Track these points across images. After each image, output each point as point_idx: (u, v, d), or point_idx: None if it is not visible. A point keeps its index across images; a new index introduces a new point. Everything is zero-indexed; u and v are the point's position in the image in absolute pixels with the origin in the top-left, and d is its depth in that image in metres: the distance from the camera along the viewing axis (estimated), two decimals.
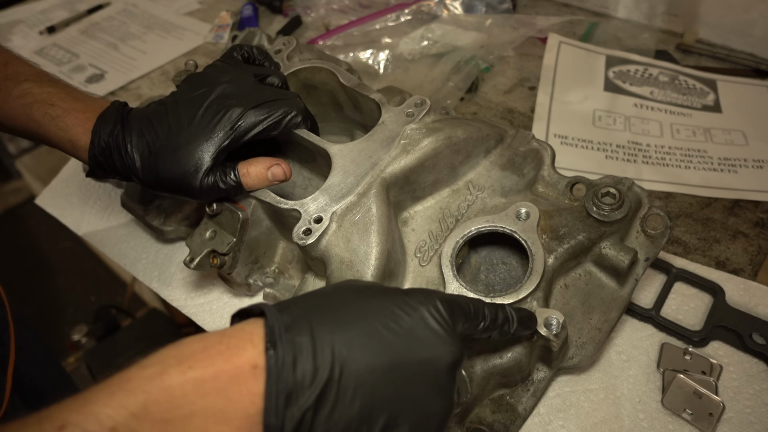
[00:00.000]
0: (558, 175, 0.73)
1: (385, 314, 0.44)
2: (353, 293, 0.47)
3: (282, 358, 0.39)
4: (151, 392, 0.36)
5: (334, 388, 0.39)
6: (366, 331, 0.43)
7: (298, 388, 0.38)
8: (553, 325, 0.60)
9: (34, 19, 1.51)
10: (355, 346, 0.41)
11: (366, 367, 0.41)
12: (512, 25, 1.23)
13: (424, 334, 0.44)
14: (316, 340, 0.40)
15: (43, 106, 0.67)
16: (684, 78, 1.14)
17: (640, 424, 0.67)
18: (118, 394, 0.36)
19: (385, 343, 0.43)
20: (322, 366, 0.39)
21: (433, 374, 0.44)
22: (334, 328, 0.42)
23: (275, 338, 0.40)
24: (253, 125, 0.66)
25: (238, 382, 0.38)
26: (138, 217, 0.88)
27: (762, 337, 0.71)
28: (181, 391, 0.37)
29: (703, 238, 0.85)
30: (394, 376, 0.42)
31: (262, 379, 0.38)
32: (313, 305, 0.45)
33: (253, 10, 1.39)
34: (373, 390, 0.41)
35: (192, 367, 0.38)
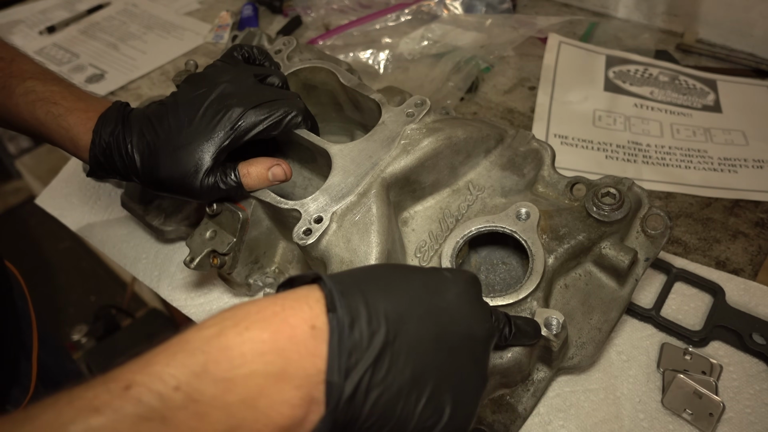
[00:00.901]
0: (558, 175, 0.74)
1: (429, 287, 0.46)
2: (397, 269, 0.48)
3: (342, 320, 0.39)
4: (210, 352, 0.37)
5: (388, 351, 0.40)
6: (414, 300, 0.44)
7: (356, 350, 0.39)
8: (553, 325, 0.60)
9: (34, 19, 1.51)
10: (405, 314, 0.42)
11: (416, 335, 0.42)
12: (512, 25, 1.23)
13: (465, 309, 0.46)
14: (370, 305, 0.41)
15: (46, 105, 0.67)
16: (684, 78, 1.14)
17: (640, 424, 0.67)
18: (179, 355, 0.37)
19: (431, 314, 0.44)
20: (378, 330, 0.40)
21: (472, 347, 0.45)
22: (385, 296, 0.42)
23: (335, 300, 0.40)
24: (254, 125, 0.66)
25: (296, 342, 0.38)
26: (138, 217, 0.88)
27: (762, 337, 0.71)
28: (239, 351, 0.37)
29: (703, 238, 0.85)
30: (440, 345, 0.43)
31: (323, 339, 0.39)
32: (362, 276, 0.45)
33: (253, 10, 1.39)
34: (422, 357, 0.42)
35: (248, 327, 0.38)
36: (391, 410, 0.40)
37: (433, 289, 0.46)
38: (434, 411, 0.42)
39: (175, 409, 0.34)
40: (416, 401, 0.41)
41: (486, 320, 0.48)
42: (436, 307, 0.44)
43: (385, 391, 0.40)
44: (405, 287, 0.45)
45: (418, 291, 0.45)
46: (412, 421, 0.41)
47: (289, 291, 0.43)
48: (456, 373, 0.44)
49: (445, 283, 0.47)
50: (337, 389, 0.38)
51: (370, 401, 0.39)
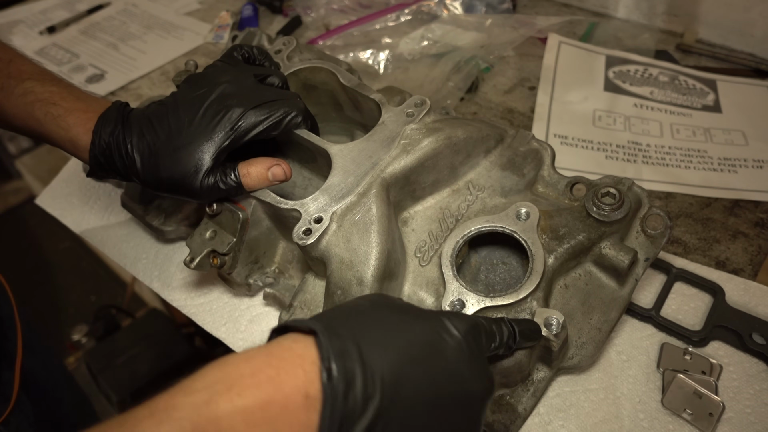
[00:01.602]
0: (558, 175, 0.74)
1: (428, 342, 0.44)
2: (394, 314, 0.46)
3: (337, 389, 0.37)
4: (199, 422, 0.35)
5: (383, 418, 0.38)
6: (413, 359, 0.41)
7: (349, 418, 0.37)
8: (553, 325, 0.60)
9: (34, 19, 1.51)
10: (403, 375, 0.40)
11: (411, 400, 0.40)
12: (512, 25, 1.23)
13: (463, 367, 0.44)
14: (366, 367, 0.39)
15: (45, 105, 0.67)
16: (684, 78, 1.14)
17: (640, 424, 0.67)
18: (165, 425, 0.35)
19: (429, 375, 0.42)
20: (373, 395, 0.38)
21: (468, 407, 0.44)
22: (382, 354, 0.40)
23: (330, 365, 0.38)
24: (254, 125, 0.66)
25: (288, 413, 0.37)
26: (138, 217, 0.88)
27: (762, 337, 0.71)
28: (229, 422, 0.35)
29: (703, 238, 0.85)
30: (436, 408, 0.42)
31: (315, 409, 0.37)
32: (358, 326, 0.43)
33: (253, 10, 1.39)
34: (417, 421, 0.40)
35: (240, 394, 0.36)
36: None
37: (432, 345, 0.44)
38: None
39: None
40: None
41: (484, 378, 0.46)
42: (435, 366, 0.43)
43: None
44: (404, 343, 0.42)
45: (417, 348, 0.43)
46: None
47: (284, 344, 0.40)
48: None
49: (445, 337, 0.45)
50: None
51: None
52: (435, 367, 0.42)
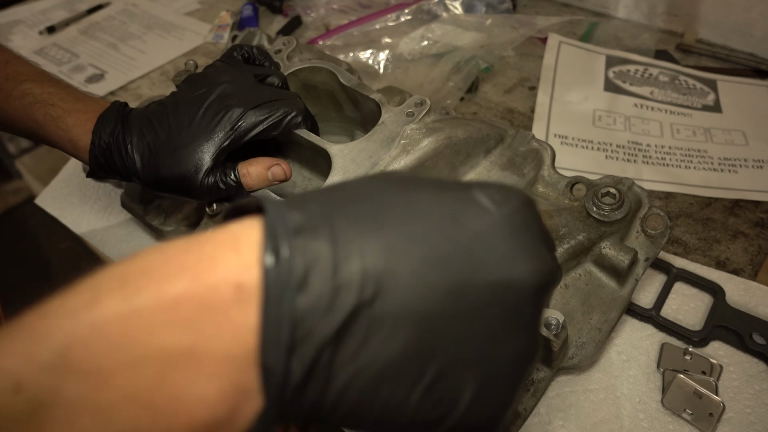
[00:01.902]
0: (558, 175, 0.74)
1: (441, 213, 0.30)
2: (396, 184, 0.32)
3: (287, 273, 0.26)
4: (75, 332, 0.25)
5: (364, 315, 0.27)
6: (414, 236, 0.29)
7: (309, 316, 0.26)
8: (553, 325, 0.60)
9: (34, 19, 1.51)
10: (398, 257, 0.28)
11: (412, 289, 0.28)
12: (512, 25, 1.23)
13: (499, 243, 0.30)
14: (339, 246, 0.27)
15: (44, 107, 0.67)
16: (684, 78, 1.14)
17: (640, 424, 0.67)
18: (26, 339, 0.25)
19: (441, 256, 0.29)
20: (347, 284, 0.27)
21: (512, 304, 0.30)
22: (366, 230, 0.28)
23: (277, 243, 0.27)
24: (254, 125, 0.66)
25: (212, 310, 0.26)
26: (138, 217, 0.88)
27: (762, 337, 0.71)
28: (122, 328, 0.25)
29: (703, 238, 0.85)
30: (454, 304, 0.29)
31: (253, 304, 0.26)
32: (338, 199, 0.31)
33: (253, 10, 1.39)
34: (422, 322, 0.28)
35: (140, 289, 0.26)
36: (369, 399, 0.28)
37: (448, 217, 0.30)
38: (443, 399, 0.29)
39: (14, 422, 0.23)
40: (412, 385, 0.28)
41: (537, 261, 0.31)
42: (452, 242, 0.29)
43: (361, 372, 0.27)
44: (403, 214, 0.30)
45: (423, 220, 0.30)
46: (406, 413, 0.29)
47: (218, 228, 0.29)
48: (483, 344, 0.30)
49: (468, 206, 0.31)
50: (276, 374, 0.26)
51: (335, 388, 0.27)
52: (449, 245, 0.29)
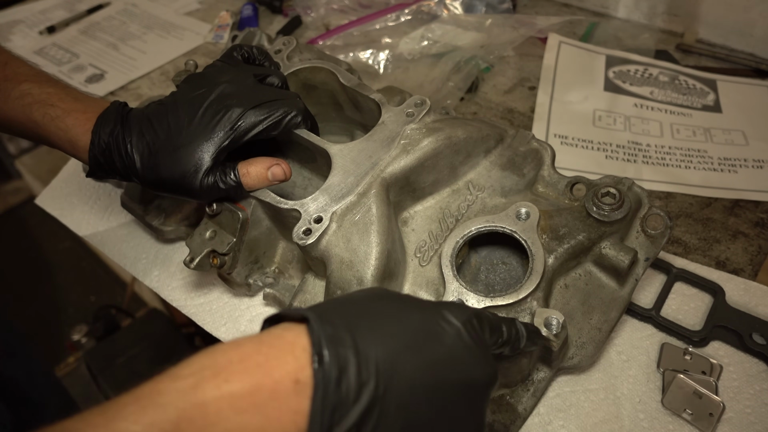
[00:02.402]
0: (558, 175, 0.74)
1: (427, 329, 0.42)
2: (391, 303, 0.45)
3: (328, 374, 0.36)
4: (185, 408, 0.34)
5: (377, 407, 0.37)
6: (409, 346, 0.40)
7: (342, 406, 0.36)
8: (553, 325, 0.60)
9: (34, 19, 1.51)
10: (398, 363, 0.39)
11: (409, 385, 0.39)
12: (512, 25, 1.23)
13: (464, 354, 0.43)
14: (360, 353, 0.38)
15: (43, 107, 0.67)
16: (684, 78, 1.14)
17: (640, 424, 0.67)
18: (149, 410, 0.34)
19: (427, 362, 0.40)
20: (367, 383, 0.37)
21: (471, 396, 0.43)
22: (377, 341, 0.39)
23: (322, 351, 0.37)
24: (253, 125, 0.66)
25: (278, 399, 0.36)
26: (138, 217, 0.88)
27: (762, 337, 0.71)
28: (216, 408, 0.35)
29: (703, 238, 0.85)
30: (434, 397, 0.40)
31: (306, 395, 0.36)
32: (352, 314, 0.42)
33: (253, 10, 1.39)
34: (415, 409, 0.39)
35: (228, 380, 0.36)
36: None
37: (430, 333, 0.42)
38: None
39: None
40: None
41: (486, 366, 0.44)
42: (433, 354, 0.41)
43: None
44: (400, 330, 0.41)
45: (413, 335, 0.41)
46: None
47: (275, 332, 0.40)
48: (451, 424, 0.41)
49: (443, 325, 0.43)
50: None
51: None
52: (433, 354, 0.41)
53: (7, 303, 2.17)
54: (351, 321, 0.40)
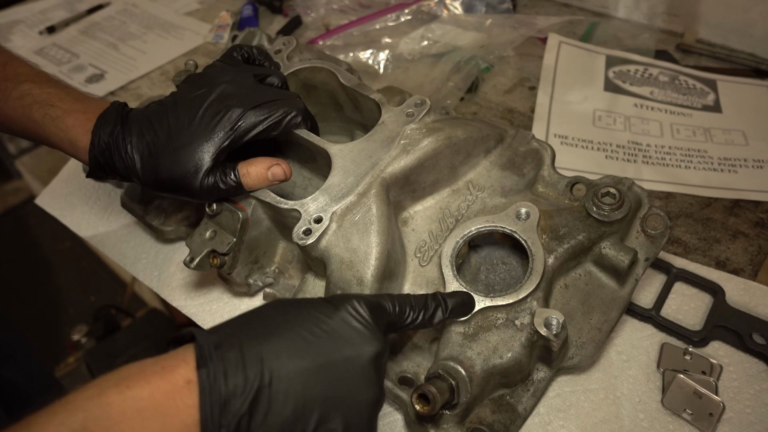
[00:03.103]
0: (558, 175, 0.73)
1: (308, 320, 0.48)
2: (278, 307, 0.50)
3: (213, 373, 0.42)
4: (90, 410, 0.39)
5: (265, 393, 0.43)
6: (291, 338, 0.46)
7: (231, 398, 0.41)
8: (553, 325, 0.60)
9: (34, 19, 1.51)
10: (282, 353, 0.45)
11: (294, 371, 0.44)
12: (512, 25, 1.23)
13: (345, 333, 0.48)
14: (244, 352, 0.44)
15: (43, 107, 0.67)
16: (684, 78, 1.14)
17: (640, 424, 0.67)
18: (60, 414, 0.39)
19: (310, 347, 0.46)
20: (252, 375, 0.43)
21: (359, 369, 0.47)
22: (260, 340, 0.45)
23: (205, 355, 0.43)
24: (253, 125, 0.66)
25: (173, 397, 0.41)
26: (138, 217, 0.88)
27: (762, 337, 0.71)
28: (120, 408, 0.40)
29: (703, 238, 0.85)
30: (322, 375, 0.45)
31: (196, 392, 0.41)
32: (241, 323, 0.48)
33: (253, 10, 1.39)
34: (303, 391, 0.44)
35: (129, 386, 0.41)
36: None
37: (312, 321, 0.48)
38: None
39: None
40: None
41: (368, 339, 0.49)
42: (316, 337, 0.47)
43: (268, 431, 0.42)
44: (283, 325, 0.47)
45: (296, 326, 0.47)
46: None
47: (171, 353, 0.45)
48: (344, 397, 0.46)
49: (324, 312, 0.49)
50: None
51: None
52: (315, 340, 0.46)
53: (7, 303, 2.17)
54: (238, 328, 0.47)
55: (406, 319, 0.54)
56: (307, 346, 0.46)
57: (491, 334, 0.63)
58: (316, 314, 0.49)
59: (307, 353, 0.45)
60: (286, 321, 0.48)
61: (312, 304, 0.50)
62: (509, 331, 0.63)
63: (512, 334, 0.63)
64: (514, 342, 0.62)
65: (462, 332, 0.63)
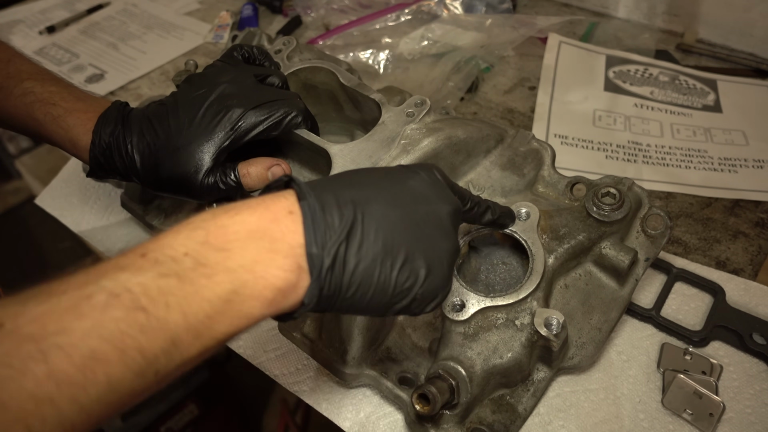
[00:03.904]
0: (558, 175, 0.74)
1: (391, 178, 0.52)
2: (363, 170, 0.55)
3: (313, 206, 0.45)
4: (209, 229, 0.42)
5: (359, 227, 0.46)
6: (378, 189, 0.50)
7: (329, 227, 0.45)
8: (553, 325, 0.60)
9: (34, 19, 1.51)
10: (371, 199, 0.48)
11: (383, 214, 0.48)
12: (512, 25, 1.23)
13: (427, 191, 0.52)
14: (338, 194, 0.47)
15: (45, 106, 0.67)
16: (684, 78, 1.14)
17: (640, 424, 0.67)
18: (185, 230, 0.42)
19: (395, 197, 0.50)
20: (347, 212, 0.46)
21: (438, 221, 0.51)
22: (352, 188, 0.49)
23: (304, 192, 0.46)
24: (254, 126, 0.66)
25: (278, 222, 0.44)
26: (138, 217, 0.88)
27: (762, 337, 0.71)
28: (233, 229, 0.43)
29: (703, 238, 0.85)
30: (407, 222, 0.49)
31: (299, 220, 0.44)
32: (332, 179, 0.52)
33: (253, 10, 1.39)
34: (392, 232, 0.48)
35: (238, 213, 0.44)
36: (369, 277, 0.46)
37: (395, 178, 0.52)
38: (410, 274, 0.48)
39: (187, 269, 0.40)
40: (391, 267, 0.47)
41: (446, 199, 0.53)
42: (399, 191, 0.51)
43: (362, 260, 0.46)
44: (369, 180, 0.51)
45: (381, 181, 0.51)
46: (391, 284, 0.47)
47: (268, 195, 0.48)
48: (426, 243, 0.49)
49: (406, 173, 0.53)
50: (317, 259, 0.44)
51: (348, 270, 0.45)
52: (400, 192, 0.51)
53: None
54: (328, 181, 0.51)
55: (467, 202, 0.58)
56: (394, 197, 0.50)
57: (491, 334, 0.63)
58: (398, 175, 0.53)
59: (393, 202, 0.49)
60: (374, 178, 0.52)
61: (393, 169, 0.55)
62: (509, 331, 0.63)
63: (512, 334, 0.63)
64: (514, 342, 0.62)
65: (462, 332, 0.63)
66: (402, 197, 0.50)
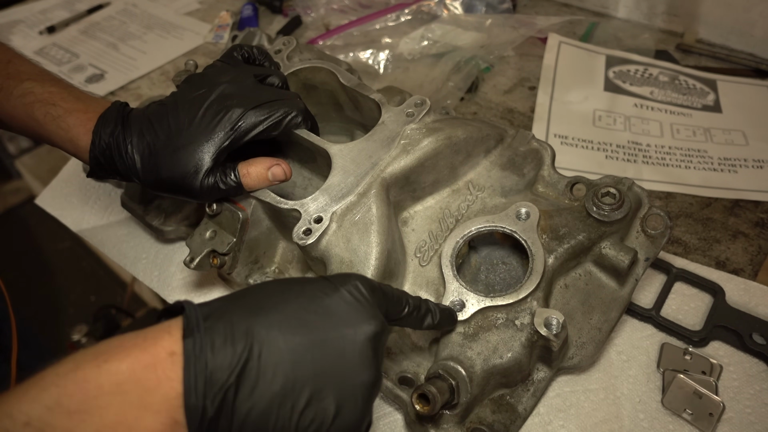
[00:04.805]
0: (558, 175, 0.74)
1: (305, 296, 0.46)
2: (275, 284, 0.49)
3: (200, 343, 0.40)
4: (65, 386, 0.37)
5: (254, 366, 0.41)
6: (285, 313, 0.44)
7: (216, 370, 0.40)
8: (553, 325, 0.60)
9: (34, 19, 1.51)
10: (274, 327, 0.43)
11: (286, 346, 0.42)
12: (512, 25, 1.23)
13: (343, 311, 0.46)
14: (234, 324, 0.42)
15: (45, 106, 0.67)
16: (684, 78, 1.14)
17: (640, 424, 0.67)
18: (32, 391, 0.37)
19: (304, 323, 0.44)
20: (240, 347, 0.41)
21: (355, 348, 0.45)
22: (253, 313, 0.43)
23: (192, 326, 0.41)
24: (254, 126, 0.66)
25: (155, 369, 0.39)
26: (138, 217, 0.88)
27: (762, 337, 0.71)
28: (96, 383, 0.38)
29: (703, 238, 0.85)
30: (315, 352, 0.43)
31: (180, 363, 0.39)
32: (235, 297, 0.47)
33: (253, 10, 1.39)
34: (294, 367, 0.42)
35: (107, 360, 0.39)
36: (264, 422, 0.41)
37: (310, 297, 0.46)
38: (315, 415, 0.43)
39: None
40: (292, 409, 0.42)
41: (368, 319, 0.47)
42: (312, 313, 0.45)
43: (255, 405, 0.41)
44: (277, 300, 0.45)
45: (291, 303, 0.45)
46: (291, 428, 0.42)
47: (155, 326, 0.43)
48: (337, 376, 0.44)
49: (323, 290, 0.47)
50: (196, 411, 0.39)
51: (238, 418, 0.40)
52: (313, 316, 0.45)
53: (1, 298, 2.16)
54: (229, 302, 0.45)
55: (402, 311, 0.53)
56: (302, 322, 0.44)
57: (491, 334, 0.63)
58: (313, 291, 0.47)
59: (300, 329, 0.43)
60: (282, 296, 0.46)
61: (311, 282, 0.49)
62: (509, 331, 0.63)
63: (512, 334, 0.63)
64: (514, 342, 0.62)
65: (462, 332, 0.63)
66: (313, 321, 0.44)
